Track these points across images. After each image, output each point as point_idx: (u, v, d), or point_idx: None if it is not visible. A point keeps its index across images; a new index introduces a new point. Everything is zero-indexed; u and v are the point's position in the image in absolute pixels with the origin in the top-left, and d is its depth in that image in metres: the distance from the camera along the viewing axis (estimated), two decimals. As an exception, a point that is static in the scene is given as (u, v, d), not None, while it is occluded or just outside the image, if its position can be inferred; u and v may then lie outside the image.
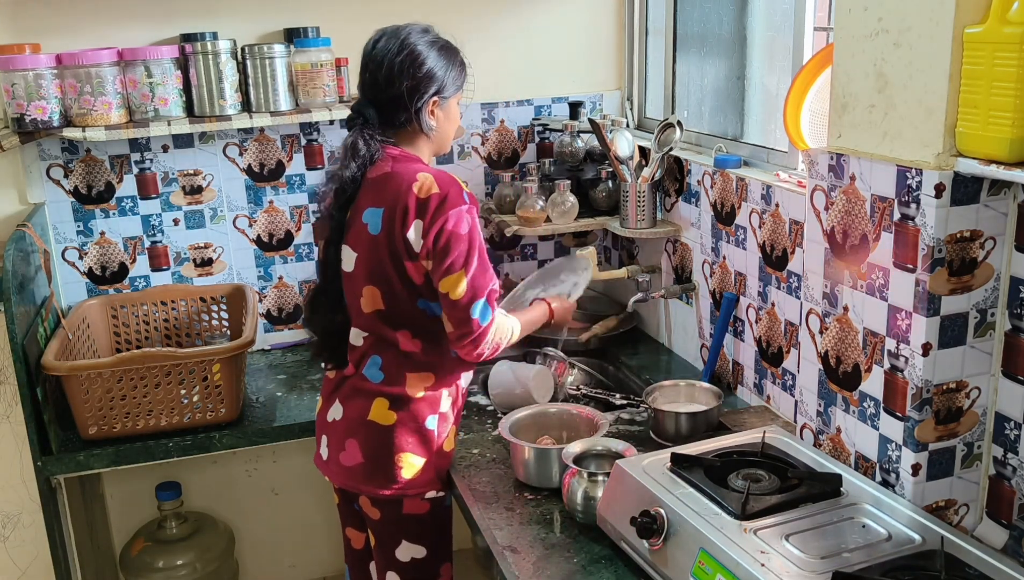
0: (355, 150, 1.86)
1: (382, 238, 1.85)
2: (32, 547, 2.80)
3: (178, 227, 2.80)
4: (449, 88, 1.91)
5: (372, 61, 1.87)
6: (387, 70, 1.85)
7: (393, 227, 1.83)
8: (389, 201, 1.84)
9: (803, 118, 2.01)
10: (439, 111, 1.92)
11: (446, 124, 1.96)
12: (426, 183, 1.82)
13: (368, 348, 1.94)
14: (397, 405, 1.92)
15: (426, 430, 1.94)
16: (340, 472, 1.98)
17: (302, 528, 3.12)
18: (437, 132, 1.94)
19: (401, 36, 1.86)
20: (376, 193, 1.86)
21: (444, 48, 1.91)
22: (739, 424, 2.14)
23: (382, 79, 1.85)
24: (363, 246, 1.88)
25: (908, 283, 1.56)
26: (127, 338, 2.72)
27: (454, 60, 1.93)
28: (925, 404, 1.59)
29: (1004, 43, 1.35)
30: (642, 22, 2.93)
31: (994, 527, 1.63)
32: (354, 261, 1.91)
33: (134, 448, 2.32)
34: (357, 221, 1.89)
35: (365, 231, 1.87)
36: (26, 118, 2.43)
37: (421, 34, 1.89)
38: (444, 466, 2.00)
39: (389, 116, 1.88)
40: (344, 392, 1.98)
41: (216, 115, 2.57)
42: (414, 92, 1.86)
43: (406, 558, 1.99)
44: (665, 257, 2.71)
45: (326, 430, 2.02)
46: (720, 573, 1.43)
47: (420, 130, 1.91)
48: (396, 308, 1.89)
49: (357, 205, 1.89)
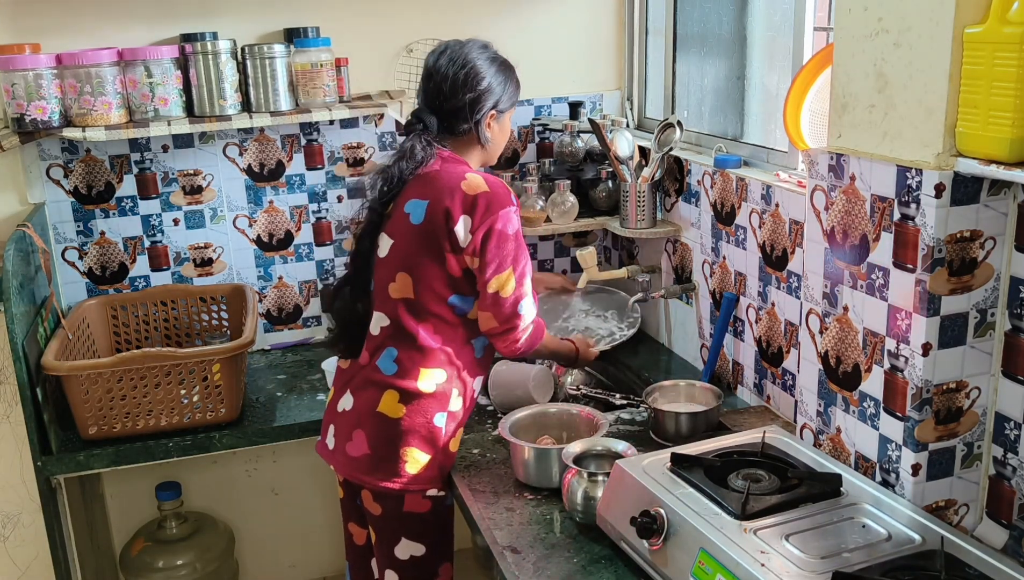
0: (412, 153, 1.95)
1: (424, 228, 1.91)
2: (32, 547, 2.80)
3: (178, 227, 2.80)
4: (505, 102, 2.02)
5: (436, 72, 1.97)
6: (451, 82, 1.95)
7: (437, 219, 1.89)
8: (435, 194, 1.91)
9: (803, 118, 2.01)
10: (495, 124, 2.03)
11: (500, 136, 2.06)
12: (475, 181, 1.91)
13: (385, 338, 1.96)
14: (407, 398, 1.94)
15: (434, 426, 1.95)
16: (346, 462, 1.99)
17: (302, 528, 3.12)
18: (492, 143, 2.04)
19: (464, 51, 1.98)
20: (422, 187, 1.93)
21: (503, 65, 2.02)
22: (739, 424, 2.14)
23: (447, 90, 1.95)
24: (401, 234, 1.94)
25: (908, 283, 1.56)
26: (127, 338, 2.72)
27: (511, 76, 2.04)
28: (925, 404, 1.59)
29: (1004, 43, 1.35)
30: (642, 22, 2.93)
31: (994, 527, 1.63)
32: (389, 247, 1.96)
33: (134, 448, 2.32)
34: (398, 211, 1.96)
35: (406, 220, 1.93)
36: (26, 118, 2.43)
37: (481, 50, 2.00)
38: (448, 465, 2.01)
39: (449, 125, 1.98)
40: (356, 383, 2.00)
41: (216, 115, 2.57)
42: (474, 104, 1.96)
43: (405, 556, 1.99)
44: (665, 257, 2.71)
45: (335, 419, 2.03)
46: (720, 573, 1.43)
47: (477, 140, 2.02)
48: (425, 299, 1.93)
49: (401, 198, 1.96)
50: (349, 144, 2.87)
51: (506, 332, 1.95)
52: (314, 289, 2.95)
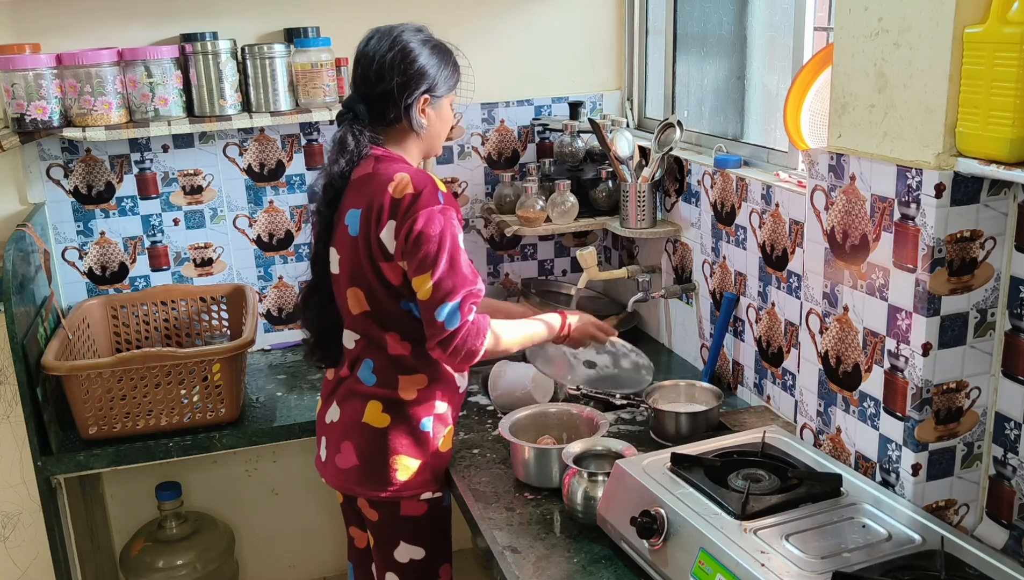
0: (343, 145, 1.86)
1: (361, 239, 1.84)
2: (32, 547, 2.80)
3: (178, 227, 2.80)
4: (441, 87, 1.90)
5: (364, 57, 1.88)
6: (378, 66, 1.85)
7: (369, 227, 1.82)
8: (367, 202, 1.83)
9: (803, 118, 2.01)
10: (430, 109, 1.91)
11: (438, 124, 1.94)
12: (402, 183, 1.80)
13: (360, 350, 1.94)
14: (390, 407, 1.92)
15: (421, 432, 1.93)
16: (336, 475, 1.97)
17: (302, 528, 3.12)
18: (428, 131, 1.93)
19: (394, 34, 1.87)
20: (357, 194, 1.86)
21: (437, 47, 1.91)
22: (739, 424, 2.14)
23: (373, 75, 1.85)
24: (345, 248, 1.89)
25: (908, 283, 1.56)
26: (127, 338, 2.72)
27: (447, 60, 1.92)
28: (925, 404, 1.59)
29: (1004, 43, 1.35)
30: (642, 22, 2.93)
31: (994, 527, 1.63)
32: (338, 263, 1.92)
33: (134, 448, 2.32)
34: (340, 222, 1.89)
35: (347, 233, 1.87)
36: (26, 118, 2.43)
37: (414, 33, 1.89)
38: (441, 467, 2.00)
39: (379, 112, 1.88)
40: (340, 394, 1.98)
41: (216, 115, 2.57)
42: (404, 88, 1.85)
43: (404, 559, 1.98)
44: (665, 257, 2.71)
45: (324, 432, 2.02)
46: (720, 573, 1.43)
47: (410, 128, 1.90)
48: (380, 309, 1.88)
49: (341, 206, 1.90)
50: (349, 144, 2.86)
51: (431, 339, 1.80)
52: (314, 289, 2.95)
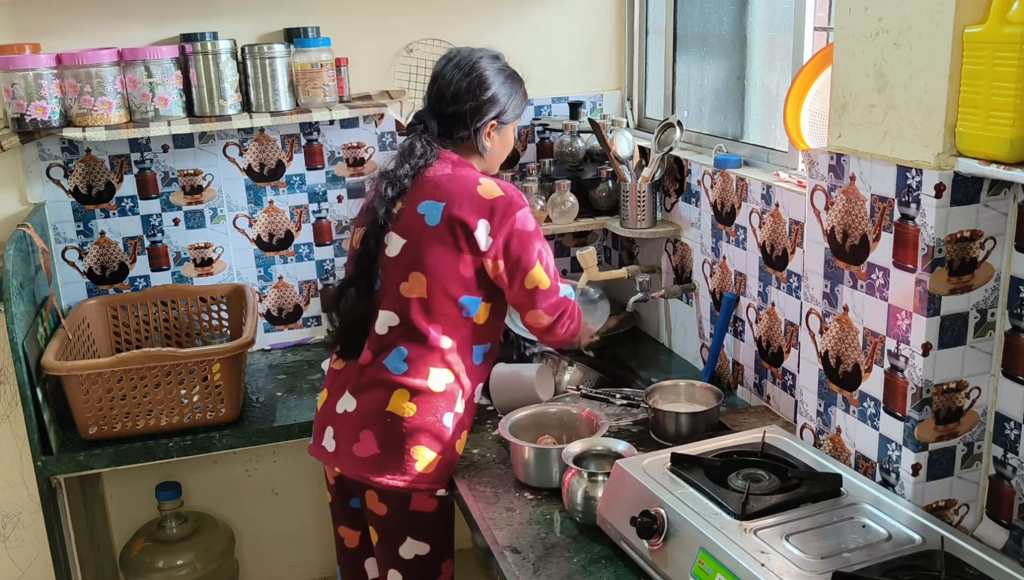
0: (411, 151, 1.98)
1: (440, 229, 1.92)
2: (32, 547, 2.80)
3: (178, 227, 2.80)
4: (508, 114, 2.04)
5: (441, 78, 1.99)
6: (455, 89, 1.97)
7: (455, 221, 1.91)
8: (451, 197, 1.92)
9: (803, 118, 2.01)
10: (496, 134, 2.04)
11: (500, 148, 2.07)
12: (489, 186, 1.94)
13: (395, 338, 1.96)
14: (417, 397, 1.94)
15: (443, 426, 1.97)
16: (353, 462, 1.98)
17: (302, 528, 3.12)
18: (490, 153, 2.06)
19: (474, 58, 2.00)
20: (436, 189, 1.95)
21: (511, 76, 2.04)
22: (739, 424, 2.14)
23: (449, 95, 1.98)
24: (415, 234, 1.94)
25: (908, 283, 1.56)
26: (127, 338, 2.72)
27: (518, 89, 2.05)
28: (925, 404, 1.59)
29: (1004, 43, 1.35)
30: (642, 22, 2.93)
31: (994, 527, 1.63)
32: (401, 247, 1.95)
33: (134, 448, 2.32)
34: (410, 212, 1.95)
35: (421, 221, 1.94)
36: (26, 118, 2.43)
37: (492, 60, 2.02)
38: (454, 466, 2.03)
39: (449, 129, 2.00)
40: (358, 383, 1.99)
41: (216, 115, 2.57)
42: (476, 112, 1.98)
43: (410, 555, 1.99)
44: (665, 257, 2.71)
45: (334, 421, 2.02)
46: (720, 573, 1.43)
47: (475, 148, 2.03)
48: (437, 298, 1.94)
49: (410, 199, 1.96)
50: (349, 144, 2.87)
51: (560, 318, 2.02)
52: (314, 289, 2.95)
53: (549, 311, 2.00)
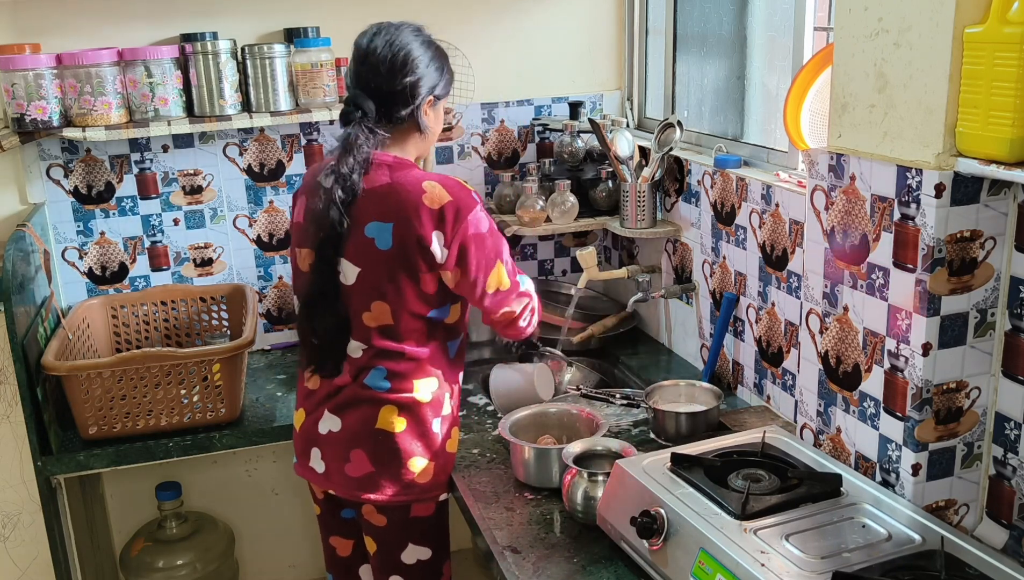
0: (357, 145, 1.81)
1: (394, 253, 1.81)
2: (32, 547, 2.80)
3: (178, 227, 2.80)
4: (442, 89, 1.93)
5: (372, 54, 1.85)
6: (389, 64, 1.83)
7: (408, 241, 1.80)
8: (398, 214, 1.81)
9: (803, 118, 2.01)
10: (432, 111, 1.92)
11: (436, 125, 1.95)
12: (434, 192, 1.81)
13: (370, 359, 1.90)
14: (405, 411, 1.90)
15: (432, 433, 1.94)
16: (345, 482, 1.93)
17: (302, 528, 3.12)
18: (430, 132, 1.94)
19: (402, 33, 1.87)
20: (379, 206, 1.82)
21: (439, 50, 1.94)
22: (739, 424, 2.14)
23: (384, 72, 1.83)
24: (369, 261, 1.83)
25: (908, 283, 1.56)
26: (127, 338, 2.72)
27: (446, 63, 1.95)
28: (925, 404, 1.59)
29: (1004, 43, 1.35)
30: (642, 22, 2.93)
31: (994, 527, 1.63)
32: (356, 275, 1.85)
33: (134, 448, 2.32)
34: (358, 235, 1.83)
35: (371, 246, 1.82)
36: (26, 118, 2.43)
37: (416, 33, 1.90)
38: (450, 467, 2.01)
39: (388, 111, 1.85)
40: (339, 402, 1.93)
41: (216, 115, 2.57)
42: (415, 88, 1.85)
43: (412, 560, 1.98)
44: (665, 257, 2.71)
45: (319, 442, 1.96)
46: (720, 573, 1.43)
47: (416, 128, 1.90)
48: (403, 322, 1.87)
49: (355, 217, 1.82)
50: (349, 144, 2.86)
51: (524, 313, 1.98)
52: (314, 289, 2.95)
53: (516, 307, 1.95)
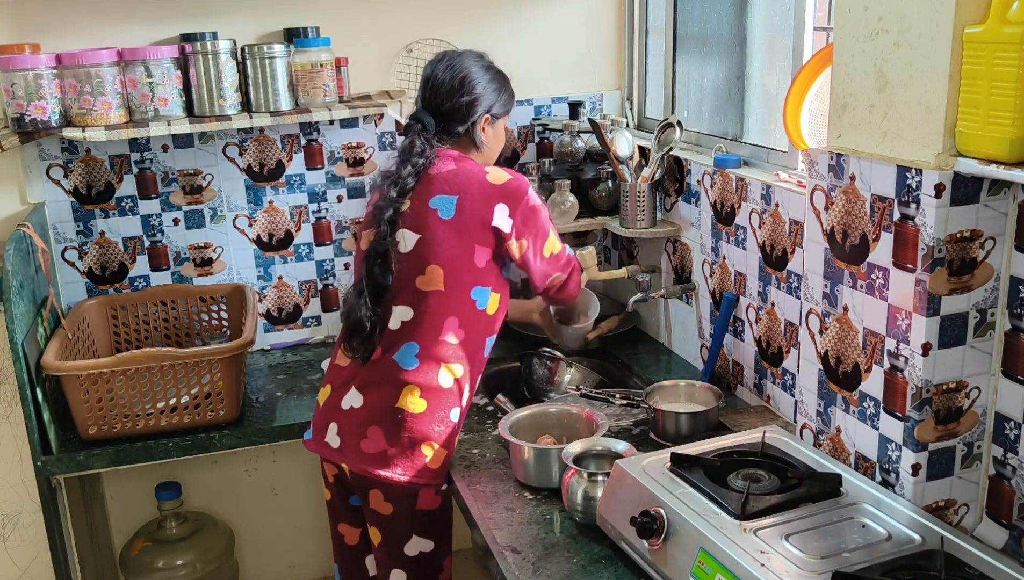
0: (411, 150, 2.03)
1: (456, 222, 1.98)
2: (32, 547, 2.80)
3: (178, 227, 2.80)
4: (499, 108, 2.12)
5: (434, 77, 2.08)
6: (448, 87, 2.06)
7: (472, 213, 1.98)
8: (463, 190, 1.99)
9: (803, 118, 2.01)
10: (489, 128, 2.12)
11: (495, 142, 2.16)
12: (496, 173, 2.03)
13: (408, 333, 1.98)
14: (428, 393, 1.97)
15: (450, 421, 1.99)
16: (358, 458, 1.98)
17: (302, 528, 3.12)
18: (487, 147, 2.14)
19: (461, 58, 2.10)
20: (445, 184, 2.00)
21: (498, 73, 2.14)
22: (739, 424, 2.14)
23: (443, 93, 2.06)
24: (429, 229, 1.98)
25: (908, 283, 1.56)
26: (127, 338, 2.72)
27: (505, 85, 2.15)
28: (925, 404, 1.59)
29: (1004, 43, 1.35)
30: (642, 22, 2.93)
31: (994, 527, 1.63)
32: (415, 242, 1.99)
33: (134, 448, 2.32)
34: (421, 207, 2.00)
35: (434, 215, 1.98)
36: (26, 118, 2.43)
37: (477, 59, 2.11)
38: (450, 460, 2.04)
39: (447, 125, 2.08)
40: (365, 379, 2.00)
41: (216, 115, 2.57)
42: (471, 106, 2.06)
43: (414, 552, 2.00)
44: (665, 257, 2.71)
45: (339, 417, 2.02)
46: (720, 573, 1.43)
47: (473, 144, 2.11)
48: (453, 291, 1.98)
49: (418, 195, 2.01)
50: (349, 144, 2.87)
51: (572, 274, 2.19)
52: (314, 289, 2.95)
53: (566, 269, 2.17)
